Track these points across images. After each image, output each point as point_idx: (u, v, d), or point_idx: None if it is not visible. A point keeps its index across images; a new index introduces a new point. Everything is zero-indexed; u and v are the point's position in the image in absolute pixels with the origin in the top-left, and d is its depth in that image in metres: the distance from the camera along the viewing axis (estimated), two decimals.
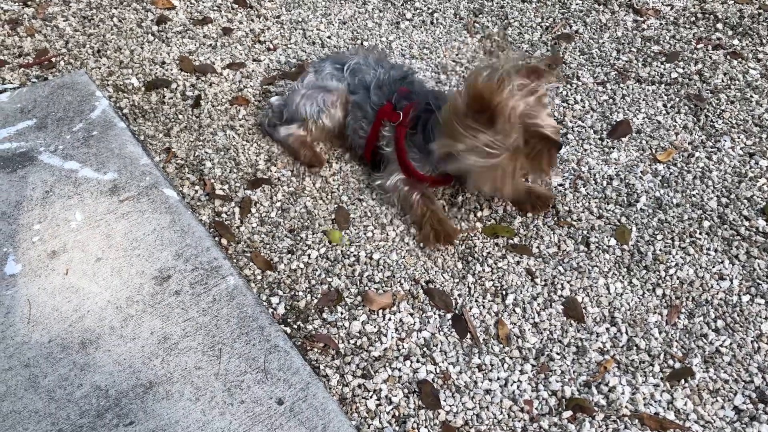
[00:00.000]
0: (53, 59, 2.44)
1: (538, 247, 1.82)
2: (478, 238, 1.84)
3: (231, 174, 2.03)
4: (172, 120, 2.20)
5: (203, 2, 2.76)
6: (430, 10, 2.73)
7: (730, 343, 1.60)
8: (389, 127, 1.86)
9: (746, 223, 1.86)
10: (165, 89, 2.32)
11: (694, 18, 2.65)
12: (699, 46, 2.50)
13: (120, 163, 1.97)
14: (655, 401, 1.49)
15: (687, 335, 1.62)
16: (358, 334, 1.63)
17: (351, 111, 1.97)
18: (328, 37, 2.58)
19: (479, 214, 1.91)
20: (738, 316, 1.65)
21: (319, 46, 2.54)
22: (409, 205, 1.86)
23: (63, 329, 1.56)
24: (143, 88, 2.33)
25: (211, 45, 2.54)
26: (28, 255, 1.72)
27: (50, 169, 1.95)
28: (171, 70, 2.41)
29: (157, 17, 2.66)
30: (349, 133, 2.00)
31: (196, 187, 1.98)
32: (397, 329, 1.64)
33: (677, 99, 2.27)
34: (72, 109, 2.16)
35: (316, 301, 1.70)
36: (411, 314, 1.67)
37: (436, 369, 1.56)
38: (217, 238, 1.83)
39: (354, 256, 1.80)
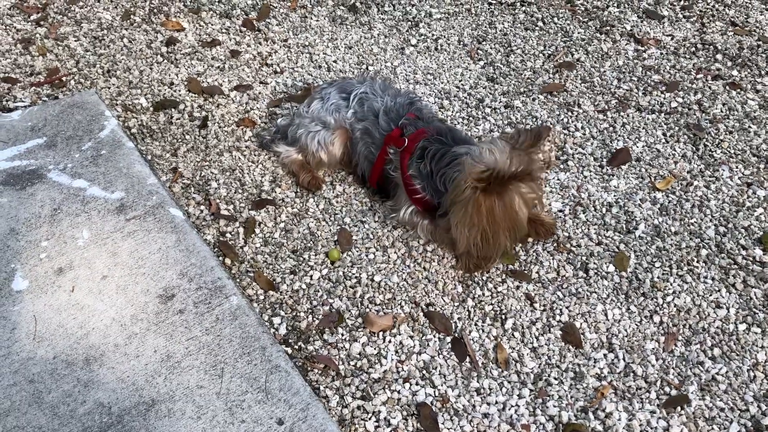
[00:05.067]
0: (64, 78, 2.49)
1: (537, 272, 1.84)
2: None
3: (236, 194, 2.06)
4: (179, 140, 2.24)
5: (212, 25, 2.81)
6: (435, 37, 2.78)
7: (726, 372, 1.61)
8: (394, 151, 1.89)
9: (743, 252, 1.88)
10: (173, 110, 2.37)
11: (694, 48, 2.69)
12: (699, 77, 2.54)
13: (127, 182, 2.01)
14: (652, 428, 1.51)
15: (683, 362, 1.63)
16: (358, 356, 1.65)
17: (361, 138, 1.99)
18: (334, 62, 2.63)
19: None
20: (734, 344, 1.67)
21: (325, 69, 2.59)
22: (441, 240, 1.89)
23: (68, 346, 1.58)
24: (151, 109, 2.37)
25: (219, 67, 2.58)
26: (35, 271, 1.75)
27: (59, 187, 1.99)
28: (179, 91, 2.46)
29: (166, 39, 2.71)
30: (359, 160, 2.03)
31: (202, 207, 2.01)
32: (397, 351, 1.66)
33: (677, 128, 2.30)
34: (81, 128, 2.20)
35: (317, 322, 1.72)
36: (411, 337, 1.69)
37: (435, 392, 1.58)
38: (221, 258, 1.86)
39: (355, 277, 1.83)
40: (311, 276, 1.83)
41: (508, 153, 1.59)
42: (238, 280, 1.81)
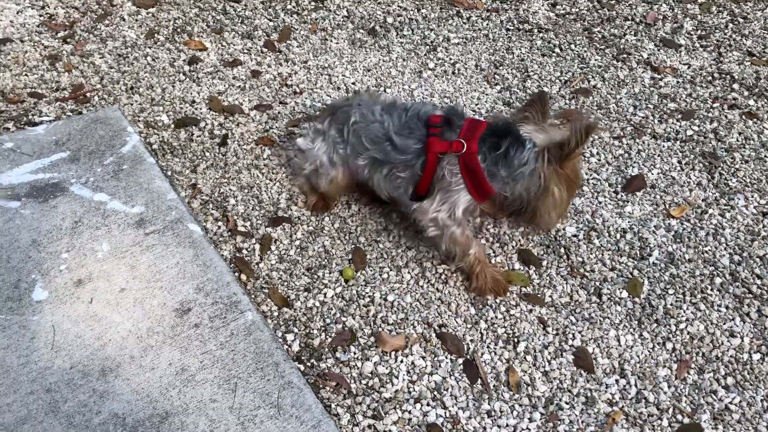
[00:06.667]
0: (88, 94, 2.54)
1: (550, 296, 1.85)
2: None
3: (253, 211, 2.09)
4: (199, 157, 2.28)
5: (234, 45, 2.86)
6: (452, 61, 2.81)
7: (740, 401, 1.61)
8: (452, 158, 1.76)
9: (758, 282, 1.88)
10: (194, 127, 2.41)
11: (710, 77, 2.71)
12: (715, 105, 2.55)
13: (147, 197, 2.04)
14: None
15: (696, 391, 1.63)
16: (370, 375, 1.66)
17: (371, 169, 1.89)
18: (353, 83, 2.67)
19: (493, 260, 1.94)
20: (748, 374, 1.66)
21: (343, 91, 2.63)
22: (463, 252, 1.82)
23: (85, 356, 1.61)
24: (173, 126, 2.42)
25: (240, 86, 2.63)
26: (55, 282, 1.78)
27: (80, 200, 2.03)
28: (200, 109, 2.50)
29: (189, 58, 2.77)
30: (379, 188, 1.93)
31: (219, 223, 2.04)
32: (408, 371, 1.67)
33: (692, 156, 2.31)
34: (104, 143, 2.25)
35: (330, 339, 1.73)
36: (423, 357, 1.70)
37: (446, 413, 1.58)
38: (237, 274, 1.88)
39: (369, 296, 1.84)
40: (325, 294, 1.85)
41: (553, 127, 1.74)
42: (253, 296, 1.83)
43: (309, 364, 1.68)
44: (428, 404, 1.60)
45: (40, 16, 2.96)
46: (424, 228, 1.83)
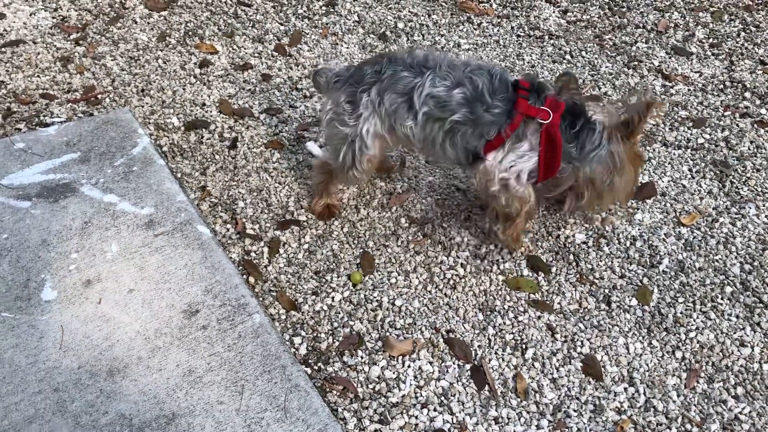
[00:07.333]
0: (99, 96, 2.56)
1: (559, 303, 1.84)
2: (500, 291, 1.87)
3: (262, 214, 2.09)
4: (209, 160, 2.29)
5: (245, 49, 2.87)
6: None
7: (750, 411, 1.59)
8: (534, 125, 1.74)
9: None
10: (204, 130, 2.42)
11: (722, 86, 2.70)
12: (726, 114, 2.54)
13: (157, 198, 2.05)
14: None
15: (706, 400, 1.62)
16: (377, 379, 1.65)
17: (446, 134, 1.81)
18: None
19: (502, 266, 1.94)
20: (758, 384, 1.65)
21: None
22: (521, 204, 1.82)
23: (93, 356, 1.61)
24: (183, 128, 2.43)
25: (250, 90, 2.64)
26: (64, 282, 1.79)
27: (90, 201, 2.04)
28: (210, 111, 2.51)
29: (200, 61, 2.78)
30: (444, 153, 1.86)
31: (228, 226, 2.05)
32: (416, 377, 1.66)
33: (703, 164, 2.30)
34: (114, 145, 2.26)
35: (337, 343, 1.73)
36: (430, 362, 1.69)
37: (452, 419, 1.58)
38: (245, 276, 1.88)
39: (377, 301, 1.84)
40: (333, 298, 1.85)
41: (605, 107, 1.82)
42: (261, 298, 1.83)
43: (316, 367, 1.68)
44: (435, 410, 1.59)
45: (53, 18, 2.98)
46: (486, 186, 1.82)
